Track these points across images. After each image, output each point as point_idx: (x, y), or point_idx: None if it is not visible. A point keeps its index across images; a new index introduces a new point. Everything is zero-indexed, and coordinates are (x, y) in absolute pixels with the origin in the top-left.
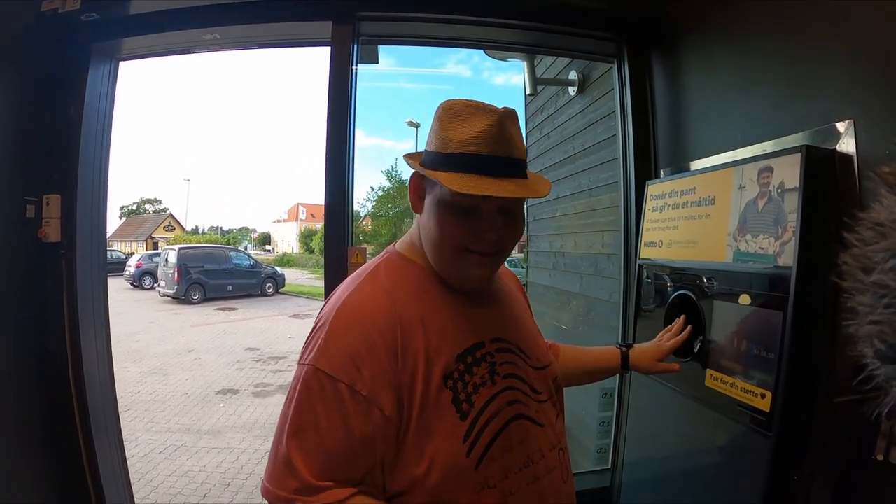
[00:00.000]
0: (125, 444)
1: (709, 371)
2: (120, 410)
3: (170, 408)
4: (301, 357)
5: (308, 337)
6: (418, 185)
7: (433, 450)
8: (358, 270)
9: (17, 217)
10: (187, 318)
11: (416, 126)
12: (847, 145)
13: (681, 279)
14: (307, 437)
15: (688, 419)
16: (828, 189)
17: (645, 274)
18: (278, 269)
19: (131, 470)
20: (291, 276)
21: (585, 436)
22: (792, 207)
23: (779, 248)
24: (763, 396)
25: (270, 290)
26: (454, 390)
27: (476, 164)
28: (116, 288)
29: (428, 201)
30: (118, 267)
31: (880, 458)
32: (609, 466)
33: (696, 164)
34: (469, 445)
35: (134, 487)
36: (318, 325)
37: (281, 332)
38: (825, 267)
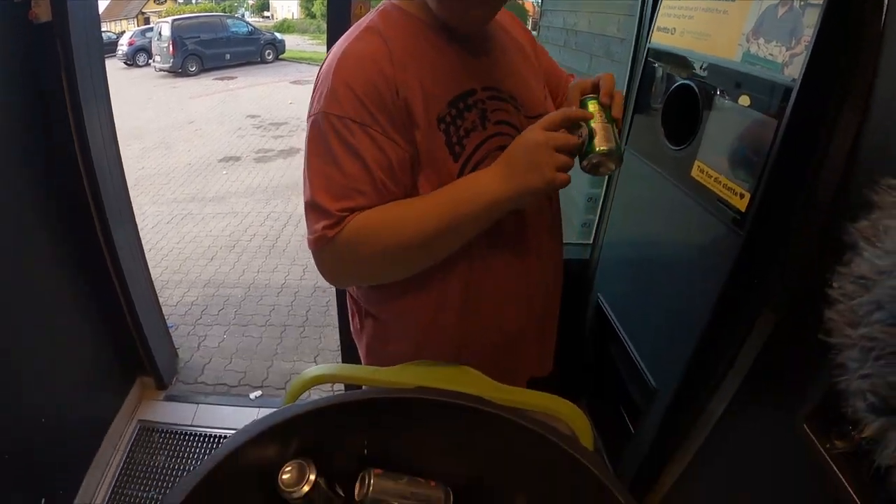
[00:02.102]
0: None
1: (697, 162)
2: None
3: (174, 180)
4: (309, 112)
5: (313, 92)
6: None
7: (427, 190)
8: (354, 25)
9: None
10: (186, 91)
11: None
12: None
13: (686, 70)
14: (328, 176)
15: (670, 206)
16: (850, 17)
17: (652, 61)
18: (278, 35)
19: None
20: (292, 42)
21: (572, 211)
22: (810, 23)
23: (788, 58)
24: (742, 196)
25: (270, 56)
26: (447, 133)
27: None
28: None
29: None
30: (110, 47)
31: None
32: (590, 242)
33: None
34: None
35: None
36: (321, 76)
37: (281, 98)
38: (827, 90)
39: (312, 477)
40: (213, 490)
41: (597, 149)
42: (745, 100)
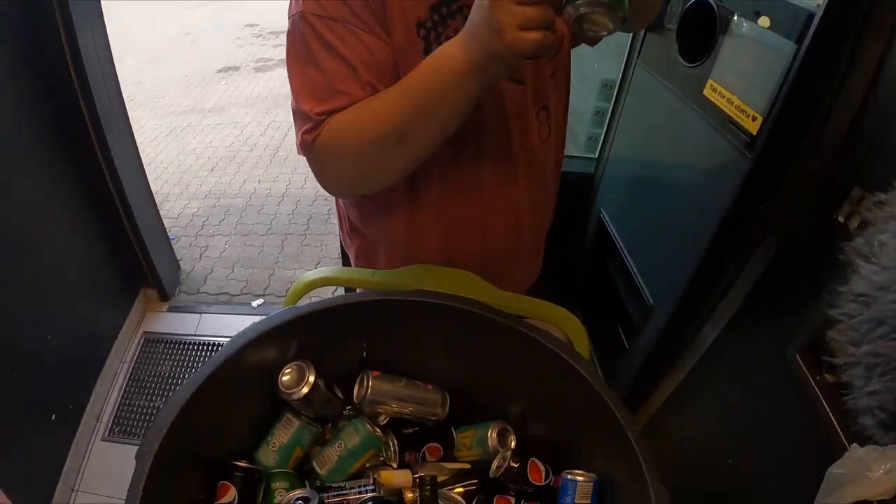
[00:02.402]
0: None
1: (710, 81)
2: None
3: (172, 92)
4: (289, 13)
5: None
6: None
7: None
8: None
9: None
10: (179, 1)
11: None
12: None
13: None
14: (310, 78)
15: (679, 124)
16: None
17: None
18: None
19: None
20: None
21: (578, 124)
22: None
23: None
24: (754, 119)
25: None
26: (426, 41)
27: None
28: None
29: None
30: None
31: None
32: (595, 156)
33: None
34: None
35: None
36: None
37: (282, 6)
38: (850, 16)
39: (311, 378)
40: (214, 391)
41: None
42: (764, 21)
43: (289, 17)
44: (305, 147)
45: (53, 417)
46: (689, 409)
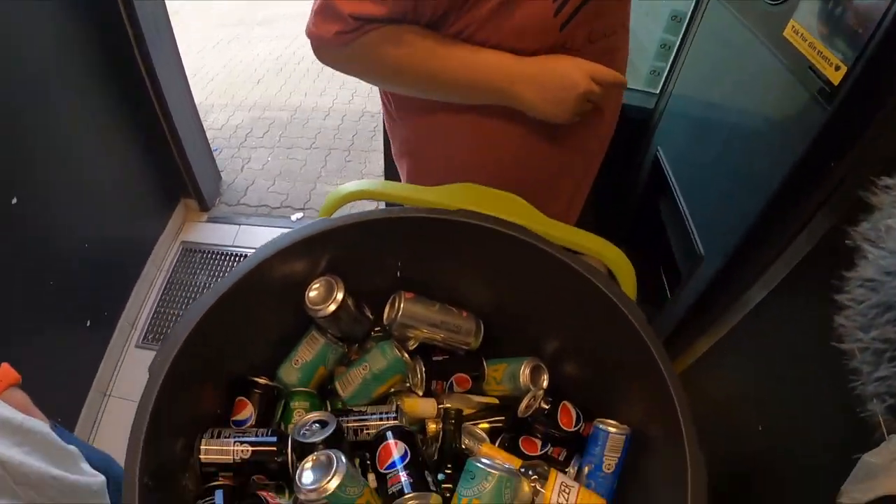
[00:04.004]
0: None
1: (792, 21)
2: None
3: (219, 4)
4: None
5: None
6: None
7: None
8: None
9: None
10: None
11: None
12: None
13: None
14: None
15: (752, 65)
16: None
17: None
18: None
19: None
20: None
21: (640, 57)
22: None
23: None
24: (838, 69)
25: None
26: None
27: None
28: None
29: None
30: None
31: None
32: (657, 91)
33: None
34: (559, 4)
35: (190, 83)
36: None
37: None
38: None
39: (340, 296)
40: (236, 304)
41: None
42: None
43: None
44: (330, 43)
45: (88, 324)
46: (723, 369)
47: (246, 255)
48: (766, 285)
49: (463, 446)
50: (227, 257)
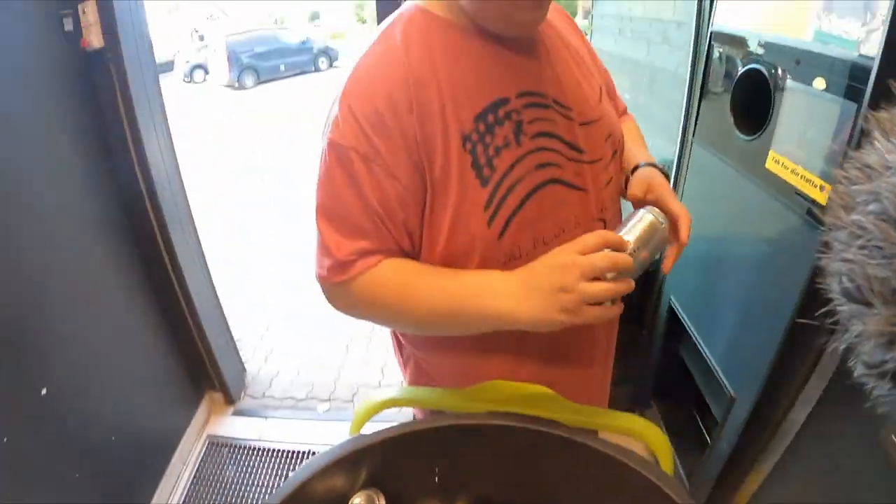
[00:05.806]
0: None
1: (772, 153)
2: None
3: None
4: (322, 133)
5: (330, 107)
6: None
7: (453, 220)
8: (378, 29)
9: (57, 32)
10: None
11: None
12: None
13: (754, 52)
14: (332, 211)
15: (743, 200)
16: None
17: (716, 44)
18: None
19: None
20: (346, 47)
21: None
22: None
23: (864, 34)
24: (822, 189)
25: (324, 65)
26: (473, 154)
27: None
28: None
29: None
30: (167, 66)
31: None
32: None
33: None
34: (490, 214)
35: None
36: (336, 96)
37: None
38: None
39: None
40: None
41: None
42: (820, 83)
43: (322, 137)
44: (328, 283)
45: None
46: (790, 489)
47: (274, 451)
48: (801, 410)
49: None
50: (256, 452)
